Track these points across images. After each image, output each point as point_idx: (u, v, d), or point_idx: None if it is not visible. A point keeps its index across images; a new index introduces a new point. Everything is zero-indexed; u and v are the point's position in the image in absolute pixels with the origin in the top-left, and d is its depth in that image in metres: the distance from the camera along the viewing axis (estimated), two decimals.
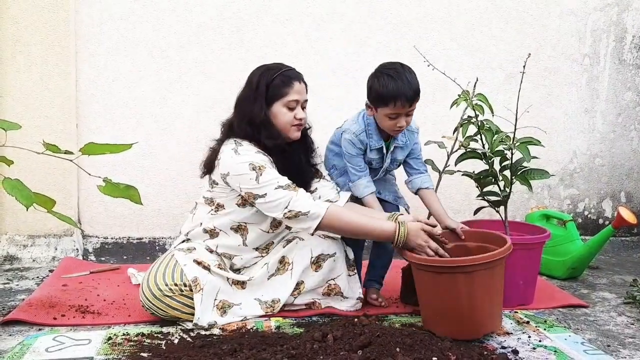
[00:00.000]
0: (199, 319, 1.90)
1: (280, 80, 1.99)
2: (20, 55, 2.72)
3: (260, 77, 2.01)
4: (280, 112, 2.00)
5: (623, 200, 3.38)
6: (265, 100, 1.99)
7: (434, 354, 1.45)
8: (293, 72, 2.03)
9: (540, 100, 3.20)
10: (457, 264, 1.73)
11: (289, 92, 1.98)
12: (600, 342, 1.88)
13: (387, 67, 2.03)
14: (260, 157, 1.97)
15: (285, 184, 1.94)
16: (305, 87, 2.06)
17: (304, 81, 2.05)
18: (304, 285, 2.04)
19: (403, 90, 1.96)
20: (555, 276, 2.59)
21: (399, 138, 2.13)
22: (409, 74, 2.00)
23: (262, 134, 1.98)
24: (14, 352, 1.71)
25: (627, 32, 3.28)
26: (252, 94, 2.01)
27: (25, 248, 2.78)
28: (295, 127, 2.03)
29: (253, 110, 1.99)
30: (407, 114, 2.02)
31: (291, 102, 1.99)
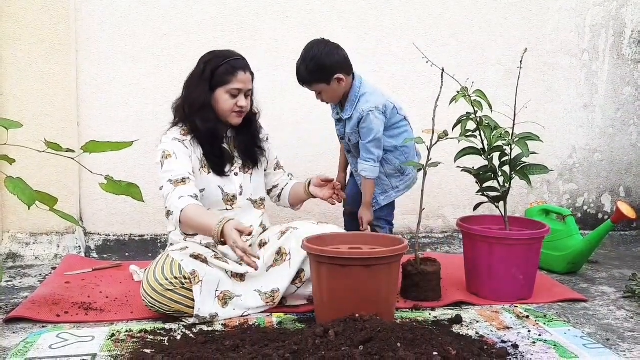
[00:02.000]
0: (199, 310, 1.92)
1: (225, 68, 2.09)
2: (21, 54, 2.73)
3: (207, 62, 2.12)
4: (222, 98, 2.10)
5: (622, 195, 3.39)
6: (210, 85, 2.10)
7: (434, 349, 1.46)
8: (240, 62, 2.12)
9: (539, 96, 3.20)
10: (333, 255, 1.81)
11: (232, 80, 2.09)
12: (599, 336, 1.89)
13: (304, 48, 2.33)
14: (172, 145, 2.08)
15: (175, 179, 2.01)
16: (252, 77, 2.16)
17: (250, 71, 2.15)
18: (304, 273, 2.07)
19: (296, 72, 2.31)
20: (554, 271, 2.61)
21: (345, 111, 2.35)
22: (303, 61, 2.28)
23: (197, 117, 2.09)
24: (17, 349, 1.73)
25: (626, 27, 3.28)
26: (198, 77, 2.12)
27: (28, 246, 2.79)
28: (236, 113, 2.13)
29: (195, 92, 2.11)
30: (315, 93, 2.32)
31: (233, 90, 2.09)
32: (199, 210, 1.95)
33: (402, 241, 1.92)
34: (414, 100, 3.10)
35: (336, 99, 2.31)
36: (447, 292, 2.27)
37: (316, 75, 2.25)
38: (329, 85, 2.26)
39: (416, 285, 2.18)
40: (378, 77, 3.08)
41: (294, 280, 2.07)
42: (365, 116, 2.28)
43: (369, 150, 2.34)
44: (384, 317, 1.70)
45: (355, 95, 2.32)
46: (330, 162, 3.11)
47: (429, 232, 3.20)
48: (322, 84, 2.25)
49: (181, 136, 2.12)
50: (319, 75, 2.25)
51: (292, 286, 2.07)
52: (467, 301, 2.19)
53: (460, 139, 2.20)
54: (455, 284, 2.36)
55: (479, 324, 1.98)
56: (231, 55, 2.14)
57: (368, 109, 2.29)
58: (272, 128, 2.93)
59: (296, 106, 3.04)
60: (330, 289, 1.84)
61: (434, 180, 3.04)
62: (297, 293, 2.09)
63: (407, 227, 3.17)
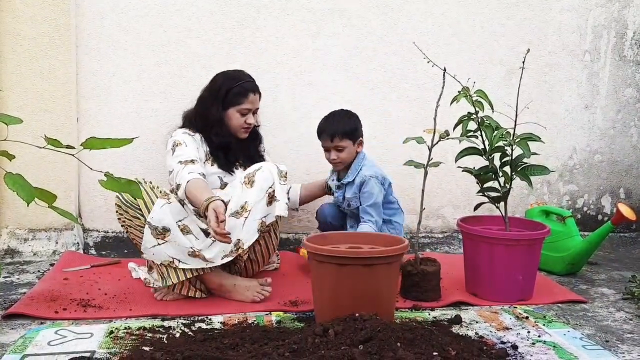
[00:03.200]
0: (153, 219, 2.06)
1: (238, 90, 2.37)
2: (20, 49, 2.72)
3: (222, 83, 2.40)
4: (234, 116, 2.38)
5: (622, 196, 3.39)
6: (222, 104, 2.37)
7: (434, 349, 1.46)
8: (250, 85, 2.40)
9: (540, 96, 3.20)
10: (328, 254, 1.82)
11: (244, 101, 2.37)
12: (598, 338, 1.89)
13: (332, 111, 2.53)
14: (183, 136, 2.34)
15: (185, 160, 2.24)
16: (259, 97, 2.44)
17: (259, 92, 2.44)
18: (247, 203, 2.12)
19: (327, 126, 2.46)
20: (554, 272, 2.61)
21: (347, 176, 2.49)
22: (342, 117, 2.49)
23: (211, 131, 2.37)
24: (16, 345, 1.72)
25: (628, 29, 3.28)
26: (213, 96, 2.39)
27: (26, 242, 2.78)
28: (244, 129, 2.42)
29: (210, 110, 2.38)
30: (335, 148, 2.45)
31: (244, 110, 2.38)
32: (200, 184, 2.15)
33: (403, 241, 1.91)
34: (415, 100, 3.09)
35: (348, 161, 2.48)
36: (447, 292, 2.26)
37: (350, 132, 2.45)
38: (353, 145, 2.47)
39: (416, 285, 2.18)
40: (379, 76, 3.08)
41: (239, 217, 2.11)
42: (367, 180, 2.43)
43: (369, 213, 2.44)
44: (383, 317, 1.70)
45: (358, 163, 2.50)
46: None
47: (428, 232, 3.19)
48: (350, 141, 2.45)
49: (190, 131, 2.39)
50: (352, 133, 2.46)
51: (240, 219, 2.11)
52: (466, 301, 2.19)
53: (462, 139, 2.19)
54: (454, 284, 2.36)
55: (478, 324, 1.97)
56: (243, 77, 2.42)
57: (370, 174, 2.45)
58: (272, 126, 2.94)
59: (297, 104, 3.03)
60: (330, 288, 1.83)
61: (434, 180, 3.03)
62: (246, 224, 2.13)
63: (407, 226, 3.16)
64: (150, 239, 2.08)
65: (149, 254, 2.11)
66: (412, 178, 3.05)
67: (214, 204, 1.99)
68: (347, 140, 2.44)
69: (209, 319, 1.97)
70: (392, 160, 3.07)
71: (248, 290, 2.15)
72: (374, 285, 1.81)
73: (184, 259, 2.08)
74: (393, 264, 1.87)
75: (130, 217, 2.16)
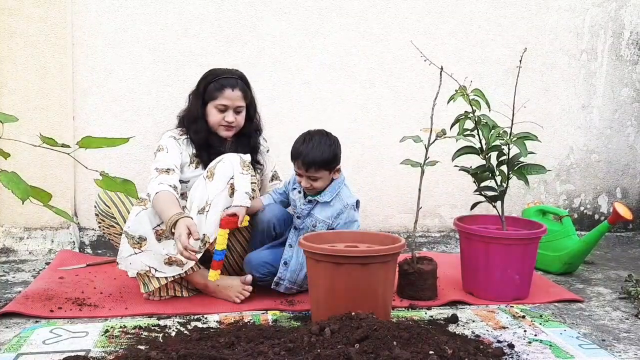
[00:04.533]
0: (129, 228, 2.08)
1: (214, 85, 2.29)
2: (16, 47, 2.71)
3: (203, 78, 2.35)
4: (211, 112, 2.30)
5: (619, 196, 3.40)
6: (202, 100, 2.31)
7: (430, 348, 1.46)
8: (229, 81, 2.29)
9: (537, 96, 3.20)
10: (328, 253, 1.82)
11: (219, 96, 2.27)
12: (595, 337, 1.89)
13: (310, 131, 2.23)
14: (167, 141, 2.28)
15: (161, 168, 2.19)
16: (242, 95, 2.30)
17: (241, 89, 2.30)
18: (209, 197, 2.12)
19: (303, 153, 2.13)
20: (550, 271, 2.61)
21: (323, 195, 2.17)
22: (321, 144, 2.14)
23: (191, 127, 2.31)
24: (10, 344, 1.71)
25: (624, 29, 3.28)
26: (195, 92, 2.35)
27: (22, 240, 2.77)
28: (224, 127, 2.30)
29: (192, 106, 2.34)
30: (309, 177, 2.14)
31: (220, 106, 2.28)
32: (169, 198, 2.09)
33: (399, 239, 1.91)
34: (412, 99, 3.09)
35: (322, 188, 2.18)
36: (443, 292, 2.26)
37: (328, 163, 2.14)
38: (330, 173, 2.17)
39: (412, 284, 2.18)
40: (376, 75, 3.08)
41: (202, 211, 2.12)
42: (349, 209, 2.17)
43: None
44: (380, 316, 1.70)
45: (338, 184, 2.20)
46: None
47: (425, 231, 3.19)
48: (327, 171, 2.15)
49: (178, 135, 2.32)
50: (329, 164, 2.15)
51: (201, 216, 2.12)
52: (463, 300, 2.19)
53: (459, 137, 2.19)
54: (451, 283, 2.35)
55: (474, 323, 1.97)
56: (224, 73, 2.33)
57: (352, 202, 2.18)
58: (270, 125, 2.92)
59: (294, 103, 3.03)
60: (326, 287, 1.83)
61: (431, 179, 3.03)
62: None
63: (404, 226, 3.16)
64: (127, 249, 2.10)
65: (125, 264, 2.11)
66: (409, 177, 3.04)
67: (187, 221, 1.95)
68: (323, 171, 2.14)
69: (205, 318, 1.97)
70: (388, 159, 3.07)
71: (230, 290, 2.14)
72: (371, 284, 1.81)
73: (160, 268, 2.09)
74: (389, 263, 1.87)
75: (106, 226, 2.20)
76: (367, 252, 1.82)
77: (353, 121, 3.09)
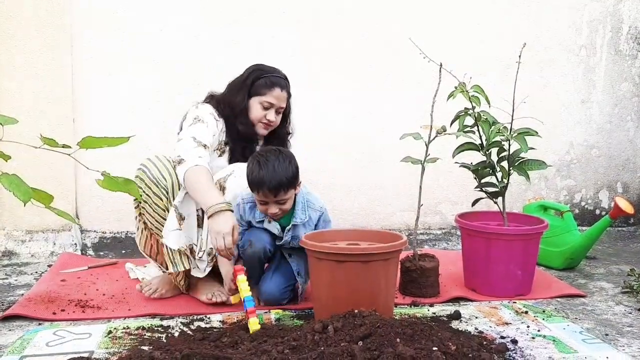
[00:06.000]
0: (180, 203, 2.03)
1: (264, 81, 2.24)
2: (15, 50, 2.71)
3: (252, 72, 2.28)
4: (254, 106, 2.24)
5: (619, 190, 3.40)
6: (248, 93, 2.25)
7: (434, 344, 1.45)
8: (279, 80, 2.27)
9: (537, 92, 3.20)
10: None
11: (267, 93, 2.23)
12: (598, 331, 1.89)
13: (260, 152, 2.02)
14: (208, 117, 2.20)
15: (199, 140, 2.11)
16: (287, 97, 2.29)
17: (287, 91, 2.28)
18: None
19: (266, 179, 1.92)
20: (552, 267, 2.61)
21: (297, 216, 2.03)
22: (280, 162, 1.95)
23: (237, 119, 2.24)
24: (14, 346, 1.71)
25: (623, 23, 3.28)
26: (240, 83, 2.27)
27: (24, 243, 2.77)
28: (263, 124, 2.26)
29: (236, 98, 2.26)
30: (277, 202, 1.96)
31: (265, 103, 2.24)
32: (209, 177, 2.02)
33: (401, 237, 1.91)
34: (412, 97, 3.09)
35: (289, 208, 2.03)
36: (445, 288, 2.26)
37: (294, 179, 1.98)
38: (295, 190, 2.01)
39: (414, 281, 2.18)
40: (375, 73, 3.08)
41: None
42: (324, 212, 2.10)
43: None
44: (382, 313, 1.69)
45: (302, 196, 2.07)
46: (330, 159, 3.11)
47: (426, 229, 3.19)
48: (293, 189, 1.99)
49: (216, 115, 2.24)
50: (295, 179, 1.99)
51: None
52: (465, 297, 2.19)
53: (459, 134, 2.19)
54: (453, 280, 2.35)
55: (477, 319, 1.97)
56: (274, 71, 2.30)
57: (322, 205, 2.11)
58: None
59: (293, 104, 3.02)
60: (328, 285, 1.83)
61: (432, 176, 3.03)
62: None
63: (405, 223, 3.17)
64: (173, 223, 2.05)
65: (169, 238, 2.04)
66: (409, 175, 3.04)
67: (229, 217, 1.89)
68: (291, 191, 1.98)
69: (207, 318, 1.97)
70: (388, 157, 3.07)
71: (207, 290, 2.12)
72: (372, 281, 1.81)
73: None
74: (391, 260, 1.87)
75: (150, 194, 2.07)
76: (368, 250, 1.82)
77: (352, 120, 3.09)
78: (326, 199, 3.00)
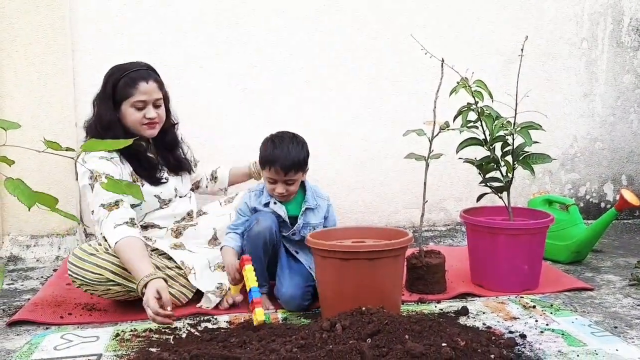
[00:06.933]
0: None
1: (124, 81, 2.04)
2: (16, 55, 2.71)
3: (109, 77, 2.08)
4: (127, 112, 2.06)
5: (624, 183, 3.38)
6: (113, 101, 2.05)
7: (443, 340, 1.45)
8: (140, 73, 2.06)
9: (539, 86, 3.19)
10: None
11: (134, 92, 2.03)
12: (607, 324, 1.88)
13: (276, 134, 2.09)
14: (100, 165, 1.99)
15: (108, 203, 1.95)
16: (158, 86, 2.08)
17: (154, 79, 2.08)
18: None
19: (279, 157, 1.99)
20: (559, 261, 2.60)
21: (309, 200, 2.08)
22: (294, 145, 2.03)
23: (108, 135, 2.00)
24: (22, 351, 1.71)
25: (624, 15, 3.27)
26: (102, 94, 2.09)
27: (29, 248, 2.77)
28: (147, 125, 2.07)
29: (101, 111, 2.07)
30: (285, 182, 2.02)
31: (137, 103, 2.04)
32: (132, 249, 1.87)
33: (407, 233, 1.90)
34: (414, 93, 3.08)
35: (295, 193, 2.08)
36: (452, 285, 2.25)
37: (304, 163, 2.05)
38: (302, 175, 2.08)
39: (421, 277, 2.17)
40: (377, 70, 3.07)
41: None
42: (330, 204, 2.14)
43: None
44: (389, 311, 1.69)
45: (310, 186, 2.13)
46: (333, 157, 3.10)
47: (431, 226, 3.19)
48: (302, 172, 2.06)
49: (107, 154, 2.03)
50: (305, 163, 2.07)
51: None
52: (472, 293, 2.18)
53: (462, 129, 2.18)
54: (459, 276, 2.35)
55: (485, 315, 1.96)
56: (132, 67, 2.08)
57: (328, 195, 2.15)
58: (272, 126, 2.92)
59: (296, 102, 3.02)
60: (334, 283, 1.82)
61: (435, 173, 3.02)
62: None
63: (410, 220, 3.16)
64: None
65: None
66: (413, 172, 3.03)
67: (155, 284, 1.75)
68: (299, 173, 2.04)
69: (215, 319, 1.96)
70: (391, 154, 3.07)
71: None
72: (379, 279, 1.80)
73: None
74: (397, 257, 1.86)
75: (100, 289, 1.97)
76: (374, 247, 1.82)
77: (355, 117, 3.08)
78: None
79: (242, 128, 2.97)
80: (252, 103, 2.98)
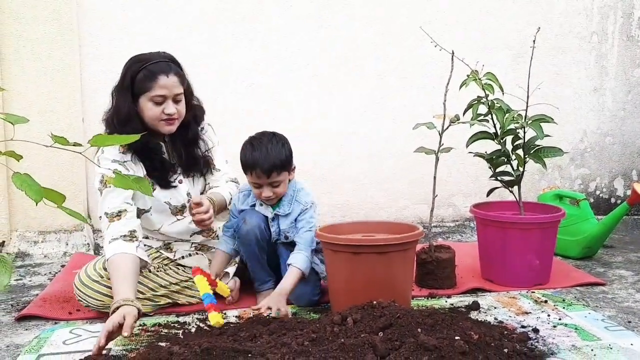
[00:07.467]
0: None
1: (144, 74, 1.90)
2: (24, 50, 2.70)
3: (127, 69, 1.94)
4: (146, 106, 1.91)
5: (635, 178, 3.35)
6: (132, 94, 1.92)
7: (456, 333, 1.43)
8: (160, 66, 1.91)
9: (549, 80, 3.16)
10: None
11: (153, 86, 1.89)
12: (620, 319, 1.86)
13: (254, 136, 1.99)
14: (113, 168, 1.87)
15: (110, 212, 1.88)
16: (179, 79, 1.93)
17: (176, 74, 1.93)
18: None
19: (259, 160, 1.90)
20: (569, 256, 2.57)
21: (281, 206, 2.01)
22: (273, 145, 1.93)
23: (125, 129, 1.88)
24: (31, 345, 1.71)
25: (634, 8, 3.24)
26: (120, 86, 1.95)
27: (36, 244, 2.77)
28: (165, 122, 1.93)
29: (119, 104, 1.93)
30: (271, 184, 1.94)
31: (156, 97, 1.90)
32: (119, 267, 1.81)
33: (417, 228, 1.89)
34: (422, 88, 3.06)
35: (284, 193, 2.00)
36: (462, 280, 2.23)
37: (287, 162, 1.96)
38: (289, 174, 1.99)
39: (431, 272, 2.15)
40: (385, 64, 3.05)
41: None
42: (308, 208, 2.01)
43: (307, 240, 1.97)
44: (400, 305, 1.67)
45: (292, 189, 2.03)
46: (340, 153, 3.09)
47: (440, 221, 3.16)
48: (286, 172, 1.97)
49: (121, 155, 1.95)
50: (289, 163, 1.97)
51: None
52: (482, 288, 2.16)
53: (472, 122, 2.16)
54: (469, 271, 2.33)
55: (496, 309, 1.94)
56: (152, 58, 1.93)
57: (311, 201, 2.03)
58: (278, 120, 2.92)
59: (303, 97, 3.01)
60: (345, 277, 1.81)
61: (444, 168, 3.00)
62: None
63: (418, 216, 3.14)
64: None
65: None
66: (421, 167, 3.01)
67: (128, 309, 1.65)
68: (284, 173, 1.95)
69: (224, 314, 1.95)
70: (400, 149, 3.04)
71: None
72: (389, 272, 1.79)
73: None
74: (408, 251, 1.84)
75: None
76: (385, 241, 1.80)
77: (363, 113, 3.06)
78: (337, 193, 2.98)
79: (247, 124, 2.94)
80: (258, 99, 2.96)
